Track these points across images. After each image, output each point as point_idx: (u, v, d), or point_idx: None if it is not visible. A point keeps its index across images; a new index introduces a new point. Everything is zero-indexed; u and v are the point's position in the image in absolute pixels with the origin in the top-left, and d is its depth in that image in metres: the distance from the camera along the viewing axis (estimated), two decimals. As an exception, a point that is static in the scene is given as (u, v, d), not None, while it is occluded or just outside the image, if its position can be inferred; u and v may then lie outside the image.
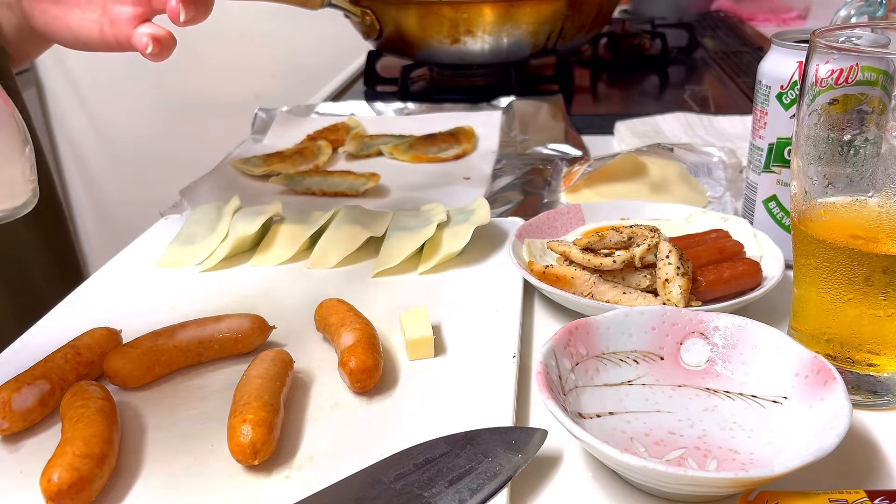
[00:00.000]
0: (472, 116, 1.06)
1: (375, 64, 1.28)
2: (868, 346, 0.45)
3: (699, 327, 0.48)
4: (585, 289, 0.56)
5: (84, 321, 0.57)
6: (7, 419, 0.45)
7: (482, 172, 0.88)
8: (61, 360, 0.49)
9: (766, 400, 0.44)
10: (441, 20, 1.09)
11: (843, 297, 0.45)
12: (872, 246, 0.43)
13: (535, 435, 0.42)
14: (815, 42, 0.44)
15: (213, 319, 0.53)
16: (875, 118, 0.43)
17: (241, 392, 0.45)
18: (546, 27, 1.11)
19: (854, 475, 0.42)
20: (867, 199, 0.44)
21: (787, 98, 0.58)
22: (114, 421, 0.44)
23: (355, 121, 1.06)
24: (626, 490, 0.41)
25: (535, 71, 1.27)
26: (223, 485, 0.42)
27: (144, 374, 0.50)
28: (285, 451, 0.44)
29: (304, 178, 0.85)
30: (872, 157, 0.43)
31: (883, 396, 0.46)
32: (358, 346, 0.49)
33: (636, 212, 0.68)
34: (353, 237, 0.67)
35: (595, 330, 0.47)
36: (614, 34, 1.45)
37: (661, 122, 1.02)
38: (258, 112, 1.10)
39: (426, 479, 0.39)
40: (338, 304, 0.55)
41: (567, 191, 0.79)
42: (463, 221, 0.68)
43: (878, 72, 0.42)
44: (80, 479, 0.39)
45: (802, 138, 0.45)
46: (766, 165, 0.61)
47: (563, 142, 0.94)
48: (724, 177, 0.80)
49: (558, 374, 0.44)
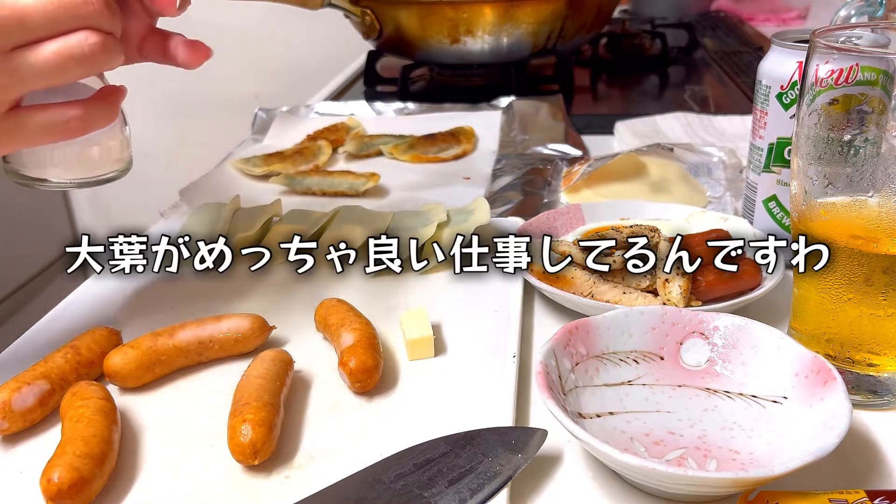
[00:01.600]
0: (472, 116, 1.06)
1: (375, 64, 1.28)
2: (868, 346, 0.45)
3: (699, 327, 0.48)
4: (585, 289, 0.56)
5: (84, 321, 0.57)
6: (7, 419, 0.45)
7: (482, 172, 0.88)
8: (61, 360, 0.49)
9: (766, 400, 0.44)
10: (441, 20, 1.09)
11: (843, 297, 0.45)
12: (872, 246, 0.43)
13: (535, 435, 0.42)
14: (815, 42, 0.44)
15: (213, 319, 0.53)
16: (875, 118, 0.43)
17: (241, 392, 0.45)
18: (546, 27, 1.11)
19: (854, 475, 0.42)
20: (867, 199, 0.44)
21: (787, 98, 0.58)
22: (114, 421, 0.44)
23: (355, 121, 1.06)
24: (626, 490, 0.41)
25: (535, 71, 1.27)
26: (223, 485, 0.42)
27: (144, 374, 0.50)
28: (285, 451, 0.44)
29: (304, 178, 0.85)
30: (872, 157, 0.43)
31: (883, 396, 0.46)
32: (358, 346, 0.49)
33: (636, 212, 0.68)
34: (353, 237, 0.67)
35: (595, 330, 0.47)
36: (614, 34, 1.45)
37: (661, 122, 1.02)
38: (258, 112, 1.10)
39: (426, 479, 0.39)
40: (338, 304, 0.55)
41: (567, 191, 0.79)
42: (463, 221, 0.68)
43: (878, 72, 0.42)
44: (80, 479, 0.39)
45: (802, 138, 0.45)
46: (766, 165, 0.61)
47: (563, 142, 0.94)
48: (724, 177, 0.80)
49: (558, 374, 0.44)
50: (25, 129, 0.45)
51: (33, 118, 0.45)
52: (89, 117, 0.47)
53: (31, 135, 0.46)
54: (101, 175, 0.52)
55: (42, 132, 0.46)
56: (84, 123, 0.47)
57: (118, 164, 0.52)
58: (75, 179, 0.51)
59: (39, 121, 0.45)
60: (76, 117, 0.46)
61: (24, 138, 0.46)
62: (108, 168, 0.52)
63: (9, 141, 0.46)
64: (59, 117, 0.45)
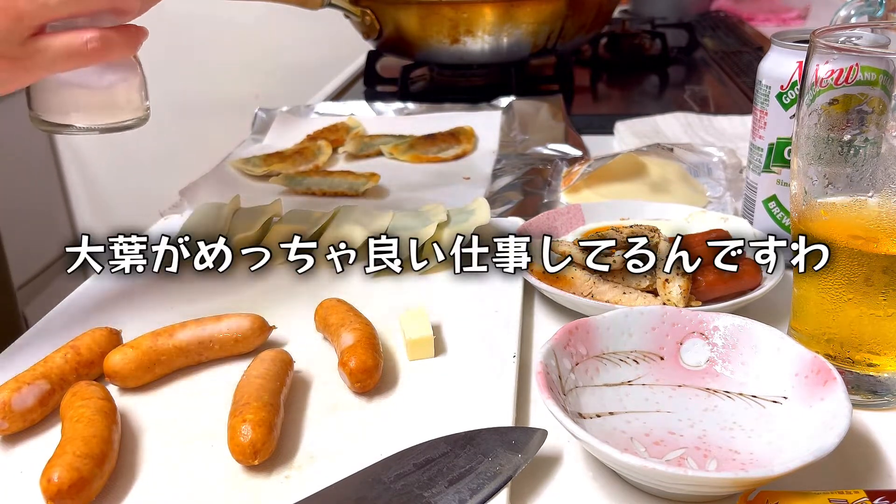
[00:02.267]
0: (472, 116, 1.06)
1: (375, 64, 1.28)
2: (868, 346, 0.45)
3: (699, 327, 0.48)
4: (585, 289, 0.56)
5: (84, 321, 0.57)
6: (7, 419, 0.45)
7: (482, 172, 0.88)
8: (61, 360, 0.49)
9: (766, 400, 0.44)
10: (441, 20, 1.09)
11: (843, 297, 0.45)
12: (872, 246, 0.43)
13: (535, 435, 0.42)
14: (815, 42, 0.44)
15: (213, 319, 0.53)
16: (875, 118, 0.43)
17: (241, 392, 0.45)
18: (546, 27, 1.11)
19: (854, 475, 0.42)
20: (867, 199, 0.44)
21: (787, 98, 0.58)
22: (114, 421, 0.44)
23: (355, 121, 1.06)
24: (626, 490, 0.41)
25: (535, 71, 1.27)
26: (223, 485, 0.42)
27: (144, 374, 0.50)
28: (285, 451, 0.44)
29: (304, 178, 0.85)
30: (872, 157, 0.43)
31: (883, 396, 0.46)
32: (358, 346, 0.49)
33: (636, 212, 0.68)
34: (353, 237, 0.67)
35: (595, 330, 0.47)
36: (614, 34, 1.45)
37: (661, 122, 1.02)
38: (258, 112, 1.10)
39: (426, 479, 0.39)
40: (338, 304, 0.55)
41: (567, 191, 0.79)
42: (463, 221, 0.68)
43: (878, 72, 0.42)
44: (80, 479, 0.39)
45: (802, 138, 0.45)
46: (766, 165, 0.61)
47: (563, 142, 0.94)
48: (724, 177, 0.80)
49: (558, 374, 0.44)
50: (47, 52, 0.47)
51: (55, 41, 0.47)
52: (108, 43, 0.49)
53: (53, 59, 0.48)
54: (122, 121, 0.55)
55: (63, 56, 0.48)
56: (103, 47, 0.49)
57: (138, 112, 0.56)
58: (98, 125, 0.54)
59: (60, 44, 0.47)
60: (95, 39, 0.48)
61: (46, 63, 0.48)
62: (128, 115, 0.55)
63: (31, 66, 0.48)
64: (78, 39, 0.48)
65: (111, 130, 0.55)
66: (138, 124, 0.56)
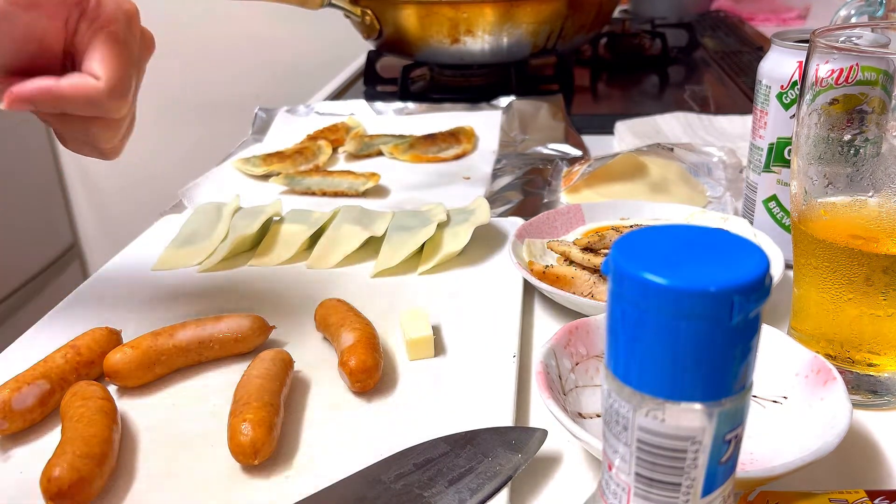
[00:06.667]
0: (472, 116, 1.06)
1: (375, 64, 1.28)
2: (868, 346, 0.45)
3: (699, 327, 0.48)
4: (585, 289, 0.56)
5: (84, 321, 0.57)
6: (7, 419, 0.45)
7: (482, 172, 0.88)
8: (61, 360, 0.49)
9: (766, 400, 0.44)
10: (441, 20, 1.09)
11: (843, 297, 0.45)
12: (872, 246, 0.43)
13: (535, 435, 0.42)
14: (815, 42, 0.44)
15: (213, 319, 0.53)
16: (875, 118, 0.43)
17: (241, 392, 0.45)
18: (546, 27, 1.11)
19: (854, 475, 0.42)
20: (867, 199, 0.44)
21: (787, 98, 0.58)
22: (114, 421, 0.44)
23: (355, 121, 1.06)
24: (626, 490, 0.41)
25: (535, 71, 1.27)
26: (223, 485, 0.42)
27: (144, 374, 0.50)
28: (285, 451, 0.44)
29: (304, 178, 0.85)
30: (872, 157, 0.43)
31: (883, 396, 0.46)
32: (358, 346, 0.49)
33: (636, 212, 0.68)
34: (352, 237, 0.67)
35: (595, 330, 0.47)
36: (614, 34, 1.45)
37: (661, 121, 1.02)
38: (258, 112, 1.10)
39: (426, 478, 0.39)
40: (338, 304, 0.55)
41: (567, 191, 0.79)
42: (463, 221, 0.68)
43: (878, 72, 0.42)
44: (80, 479, 0.39)
45: (802, 138, 0.45)
46: (766, 165, 0.61)
47: (563, 142, 0.94)
48: (724, 177, 0.80)
49: (558, 374, 0.44)
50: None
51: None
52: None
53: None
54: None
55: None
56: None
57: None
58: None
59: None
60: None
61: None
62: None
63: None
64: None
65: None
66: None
